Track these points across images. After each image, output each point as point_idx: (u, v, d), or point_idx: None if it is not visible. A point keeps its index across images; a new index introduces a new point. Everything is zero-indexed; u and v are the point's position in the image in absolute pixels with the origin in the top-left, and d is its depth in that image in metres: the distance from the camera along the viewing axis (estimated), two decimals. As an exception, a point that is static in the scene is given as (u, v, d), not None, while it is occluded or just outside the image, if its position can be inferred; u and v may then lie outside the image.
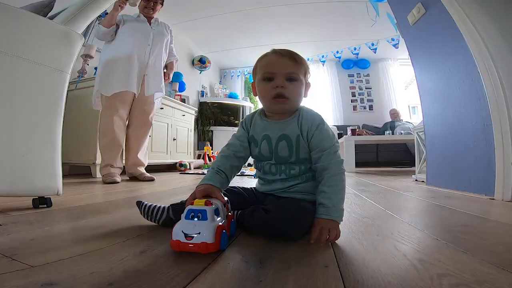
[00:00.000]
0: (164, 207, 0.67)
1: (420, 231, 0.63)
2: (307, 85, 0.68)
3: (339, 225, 0.57)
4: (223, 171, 0.65)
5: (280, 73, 0.62)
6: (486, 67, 1.15)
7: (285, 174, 0.67)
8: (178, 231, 0.46)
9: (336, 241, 0.55)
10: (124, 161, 1.93)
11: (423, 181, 1.73)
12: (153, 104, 1.96)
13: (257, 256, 0.46)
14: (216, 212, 0.50)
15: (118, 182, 1.71)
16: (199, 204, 0.49)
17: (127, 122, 1.88)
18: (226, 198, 0.58)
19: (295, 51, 0.66)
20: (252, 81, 0.71)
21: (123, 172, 1.92)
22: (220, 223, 0.48)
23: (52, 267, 0.40)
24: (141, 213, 0.68)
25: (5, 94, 0.82)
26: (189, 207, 0.49)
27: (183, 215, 0.49)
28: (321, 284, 0.36)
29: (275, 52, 0.66)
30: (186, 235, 0.45)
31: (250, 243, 0.53)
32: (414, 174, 1.96)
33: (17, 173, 0.82)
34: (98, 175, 1.93)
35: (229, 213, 0.58)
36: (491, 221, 0.76)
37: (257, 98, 0.74)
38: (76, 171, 2.29)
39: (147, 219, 0.67)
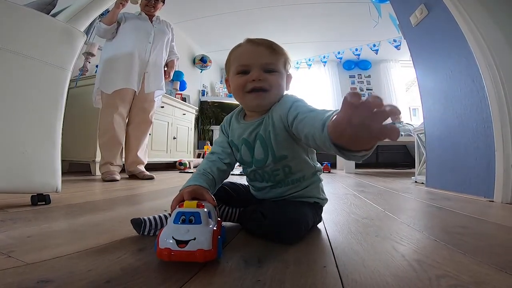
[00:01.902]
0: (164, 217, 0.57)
1: (419, 232, 0.62)
2: (288, 76, 0.60)
3: None
4: (209, 173, 0.59)
5: (256, 64, 0.55)
6: (487, 68, 1.15)
7: (271, 180, 0.61)
8: (167, 238, 0.39)
9: (335, 242, 0.54)
10: (123, 159, 1.93)
11: (422, 183, 1.73)
12: (153, 102, 1.95)
13: (256, 255, 0.46)
14: (209, 215, 0.45)
15: (118, 180, 1.71)
16: (190, 206, 0.44)
17: (127, 120, 1.88)
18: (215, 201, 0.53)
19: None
20: (226, 77, 0.64)
21: (123, 170, 1.92)
22: (215, 228, 0.43)
23: (48, 264, 0.40)
24: (140, 232, 0.56)
25: (6, 90, 0.82)
26: (178, 209, 0.44)
27: (170, 219, 0.43)
28: (319, 284, 0.36)
29: (250, 41, 0.58)
30: (178, 242, 0.38)
31: (249, 242, 0.53)
32: (414, 176, 1.95)
33: (17, 170, 0.82)
34: (98, 172, 1.93)
35: (218, 218, 0.52)
36: (490, 223, 0.76)
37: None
38: (76, 169, 2.29)
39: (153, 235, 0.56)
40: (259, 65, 0.55)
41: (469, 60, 1.26)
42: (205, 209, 0.44)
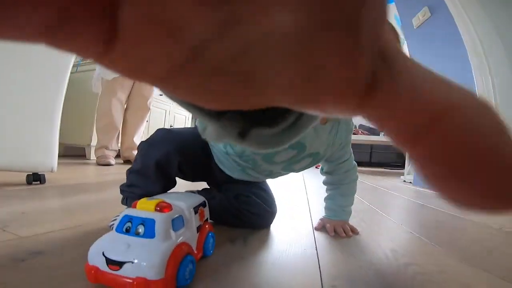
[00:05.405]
0: None
1: (398, 225, 0.66)
2: None
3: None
4: None
5: None
6: (480, 72, 1.17)
7: (272, 177, 0.57)
8: (97, 252, 0.27)
9: (319, 229, 0.57)
10: (119, 144, 1.94)
11: (410, 182, 1.77)
12: (152, 89, 1.96)
13: (242, 236, 0.49)
14: (177, 223, 0.30)
15: (112, 165, 1.72)
16: (144, 208, 0.30)
17: (125, 106, 1.89)
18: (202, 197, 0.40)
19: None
20: None
21: (118, 156, 1.93)
22: (183, 241, 0.30)
23: (41, 238, 0.42)
24: None
25: (7, 70, 0.81)
26: (127, 211, 0.30)
27: (115, 223, 0.30)
28: (299, 262, 0.39)
29: None
30: (109, 261, 0.26)
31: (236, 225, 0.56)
32: (403, 175, 2.00)
33: (13, 148, 0.83)
34: (93, 156, 1.94)
35: (206, 219, 0.39)
36: (465, 219, 0.79)
37: None
38: (71, 152, 2.29)
39: None
40: None
41: (463, 63, 1.28)
42: (170, 213, 0.30)
